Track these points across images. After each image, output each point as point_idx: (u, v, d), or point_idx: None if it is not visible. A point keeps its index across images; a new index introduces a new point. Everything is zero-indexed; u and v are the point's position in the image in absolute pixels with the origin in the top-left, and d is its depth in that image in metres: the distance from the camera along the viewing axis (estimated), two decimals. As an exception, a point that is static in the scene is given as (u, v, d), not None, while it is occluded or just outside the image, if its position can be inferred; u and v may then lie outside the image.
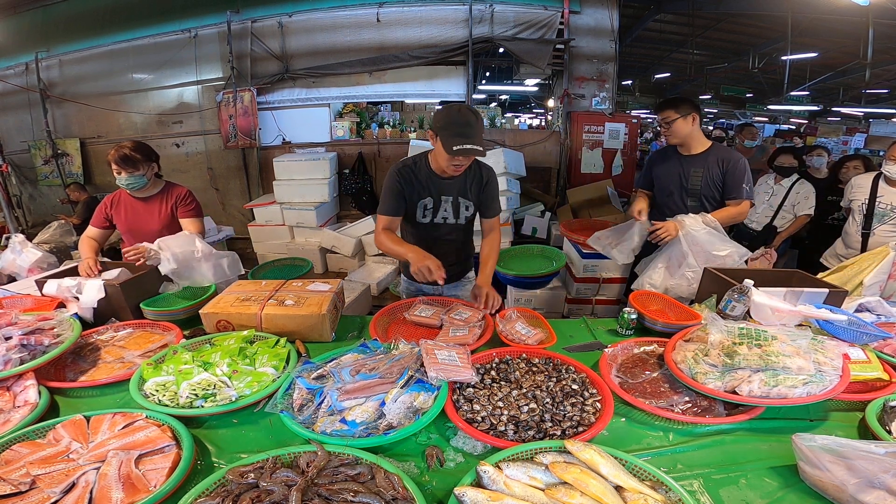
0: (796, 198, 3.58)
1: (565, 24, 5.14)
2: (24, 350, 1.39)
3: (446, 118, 1.68)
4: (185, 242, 1.98)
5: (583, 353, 1.62)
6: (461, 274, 2.17)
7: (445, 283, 2.00)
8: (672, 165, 2.40)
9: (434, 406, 1.18)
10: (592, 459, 0.97)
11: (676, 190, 2.38)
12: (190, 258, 1.94)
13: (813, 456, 0.97)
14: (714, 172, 2.28)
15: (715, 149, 2.32)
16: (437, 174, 1.87)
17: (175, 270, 1.90)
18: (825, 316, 1.55)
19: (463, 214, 1.97)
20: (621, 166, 5.61)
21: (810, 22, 7.98)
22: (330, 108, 5.56)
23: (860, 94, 12.70)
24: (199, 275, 1.96)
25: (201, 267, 1.95)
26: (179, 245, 1.95)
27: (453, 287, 2.16)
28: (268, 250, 5.03)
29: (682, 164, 2.36)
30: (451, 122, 1.66)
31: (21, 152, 6.24)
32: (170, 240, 1.98)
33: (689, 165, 2.34)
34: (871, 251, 2.21)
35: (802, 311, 1.59)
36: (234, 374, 1.34)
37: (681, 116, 2.26)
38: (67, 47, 5.73)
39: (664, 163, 2.44)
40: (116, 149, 2.13)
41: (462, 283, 2.19)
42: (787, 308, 1.59)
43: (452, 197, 1.91)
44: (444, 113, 1.72)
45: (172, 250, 1.91)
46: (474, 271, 2.22)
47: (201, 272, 1.95)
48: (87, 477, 0.98)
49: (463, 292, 2.17)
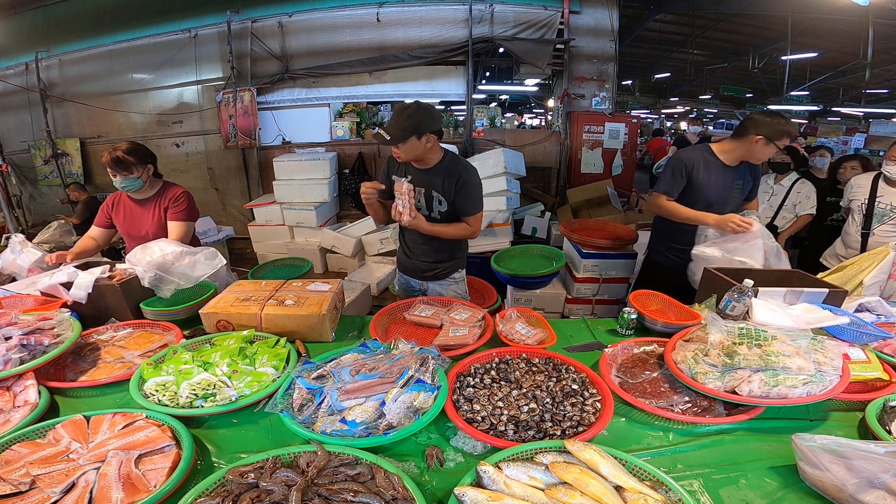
0: (798, 197, 3.57)
1: (565, 24, 5.14)
2: (24, 350, 1.39)
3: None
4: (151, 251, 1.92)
5: (583, 353, 1.62)
6: (448, 272, 2.18)
7: (429, 280, 2.18)
8: (718, 177, 2.20)
9: (434, 406, 1.18)
10: (592, 459, 0.97)
11: (720, 203, 2.20)
12: (163, 264, 1.89)
13: (813, 456, 0.97)
14: (748, 182, 2.27)
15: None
16: (415, 166, 1.99)
17: (154, 280, 1.85)
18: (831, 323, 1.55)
19: (436, 208, 2.01)
20: (621, 166, 5.61)
21: (810, 22, 7.98)
22: (330, 108, 5.56)
23: (860, 94, 12.70)
24: (177, 277, 1.90)
25: (176, 268, 1.90)
26: (148, 255, 1.90)
27: (438, 285, 2.19)
28: (268, 250, 5.03)
29: (726, 175, 2.21)
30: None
31: (21, 152, 6.24)
32: (137, 253, 1.92)
33: (733, 177, 2.22)
34: (871, 251, 2.21)
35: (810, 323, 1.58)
36: (234, 374, 1.34)
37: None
38: (67, 47, 5.73)
39: (708, 173, 2.19)
40: (110, 151, 2.10)
41: (448, 283, 2.20)
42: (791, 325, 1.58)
43: (425, 188, 1.99)
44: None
45: (142, 263, 1.86)
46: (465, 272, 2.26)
47: (179, 273, 1.90)
48: (87, 477, 0.98)
49: (448, 291, 2.19)
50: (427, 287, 2.21)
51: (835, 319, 1.58)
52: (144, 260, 1.88)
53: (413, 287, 2.26)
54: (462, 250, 2.22)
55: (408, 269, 2.25)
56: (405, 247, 2.22)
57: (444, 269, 2.17)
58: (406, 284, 2.30)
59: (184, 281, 1.91)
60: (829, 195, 3.64)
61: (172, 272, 1.90)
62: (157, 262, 1.88)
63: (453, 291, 2.20)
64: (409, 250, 2.20)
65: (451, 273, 2.19)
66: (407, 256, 2.22)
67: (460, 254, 2.20)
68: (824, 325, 1.58)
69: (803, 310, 1.67)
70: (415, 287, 2.25)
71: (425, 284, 2.21)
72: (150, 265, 1.86)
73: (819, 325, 1.58)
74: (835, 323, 1.57)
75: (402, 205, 1.86)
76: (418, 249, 2.15)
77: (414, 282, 2.24)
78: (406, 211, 1.86)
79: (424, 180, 1.98)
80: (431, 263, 2.15)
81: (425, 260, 2.15)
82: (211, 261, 1.97)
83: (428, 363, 1.30)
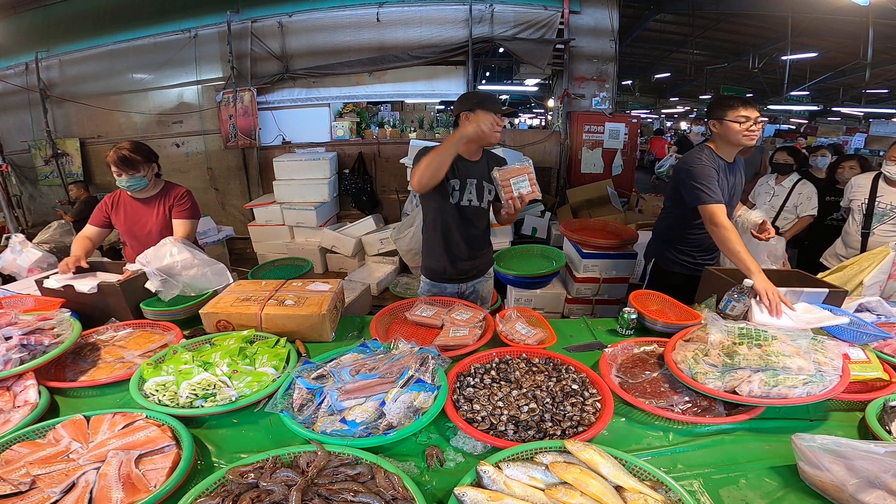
0: (799, 198, 3.58)
1: (565, 24, 5.14)
2: (24, 350, 1.39)
3: (481, 95, 1.89)
4: (165, 254, 1.93)
5: (583, 353, 1.62)
6: (485, 268, 2.20)
7: (469, 279, 2.15)
8: (726, 178, 2.15)
9: (434, 406, 1.18)
10: (592, 459, 0.97)
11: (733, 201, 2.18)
12: (171, 269, 1.90)
13: (813, 456, 0.97)
14: (741, 180, 2.26)
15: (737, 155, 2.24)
16: (465, 157, 1.95)
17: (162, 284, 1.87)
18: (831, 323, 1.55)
19: (486, 198, 2.03)
20: (621, 166, 5.61)
21: (810, 22, 7.98)
22: (330, 108, 5.56)
23: (860, 94, 12.71)
24: (183, 285, 1.92)
25: (183, 277, 1.91)
26: (160, 258, 1.91)
27: (478, 283, 2.19)
28: (268, 250, 5.04)
29: (729, 175, 2.17)
30: (487, 97, 1.88)
31: (21, 152, 6.24)
32: (150, 254, 1.93)
33: (732, 175, 2.18)
34: (871, 251, 2.21)
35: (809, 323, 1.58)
36: (234, 374, 1.34)
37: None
38: (67, 47, 5.72)
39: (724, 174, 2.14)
40: (115, 150, 2.09)
41: (486, 279, 2.22)
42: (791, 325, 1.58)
43: (476, 180, 1.98)
44: (476, 92, 1.96)
45: (156, 265, 1.87)
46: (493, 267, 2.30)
47: (185, 282, 1.92)
48: (87, 477, 0.98)
49: (485, 287, 2.21)
50: (465, 288, 2.16)
51: (835, 319, 1.58)
52: (156, 263, 1.89)
53: (448, 294, 2.13)
54: (491, 245, 2.25)
55: (445, 276, 2.11)
56: (448, 252, 2.06)
57: (485, 264, 2.19)
58: (440, 294, 2.11)
59: (188, 290, 1.93)
60: (829, 195, 3.65)
61: (179, 279, 1.92)
62: (168, 266, 1.90)
63: (489, 288, 2.23)
64: (453, 254, 2.06)
65: (489, 268, 2.23)
66: (451, 262, 2.07)
67: (491, 246, 2.25)
68: (824, 325, 1.58)
69: (803, 309, 1.67)
70: (451, 293, 2.14)
71: (463, 286, 2.16)
72: (162, 270, 1.88)
73: (819, 324, 1.58)
74: (835, 323, 1.57)
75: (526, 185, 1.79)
76: (464, 250, 2.06)
77: (451, 287, 2.13)
78: (536, 185, 1.80)
79: (476, 171, 1.98)
80: (475, 262, 2.13)
81: (471, 259, 2.11)
82: (219, 277, 1.98)
83: (428, 363, 1.30)
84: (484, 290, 2.23)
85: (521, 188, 1.80)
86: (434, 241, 2.07)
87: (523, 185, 1.80)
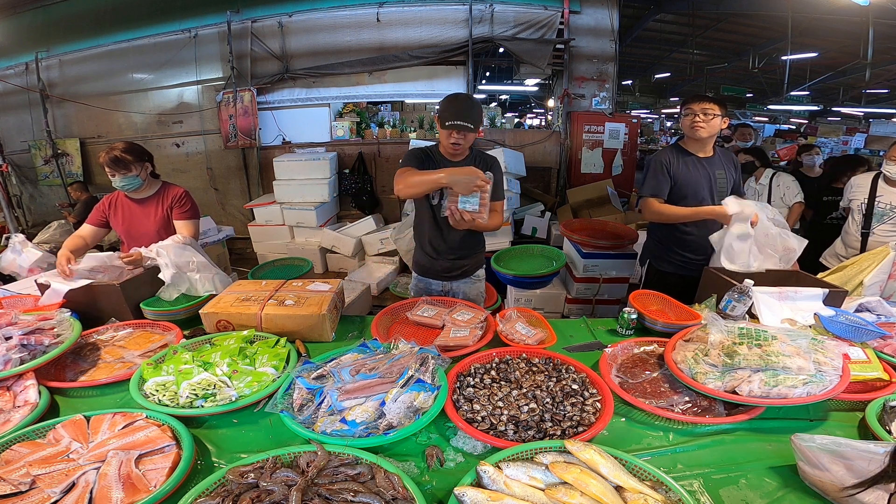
0: (781, 190, 3.67)
1: (565, 23, 5.15)
2: (24, 350, 1.39)
3: (447, 102, 1.90)
4: (183, 252, 1.97)
5: (583, 353, 1.62)
6: (473, 270, 2.19)
7: (454, 279, 2.14)
8: (697, 170, 2.23)
9: (434, 406, 1.18)
10: (592, 459, 0.97)
11: (708, 196, 2.23)
12: (185, 268, 1.94)
13: (813, 456, 0.97)
14: (730, 172, 2.28)
15: (717, 149, 2.31)
16: (447, 158, 1.97)
17: (173, 277, 1.90)
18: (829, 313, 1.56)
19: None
20: (621, 166, 5.61)
21: (810, 22, 7.99)
22: (330, 108, 5.56)
23: (860, 94, 12.72)
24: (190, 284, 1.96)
25: (193, 278, 1.95)
26: (177, 254, 1.94)
27: (464, 283, 2.18)
28: (268, 250, 5.04)
29: (705, 167, 2.24)
30: (449, 105, 1.88)
31: (21, 152, 6.25)
32: (168, 246, 1.97)
33: (712, 168, 2.24)
34: (871, 251, 2.21)
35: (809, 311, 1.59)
36: (234, 374, 1.34)
37: (721, 116, 2.15)
38: (67, 47, 5.73)
39: (686, 168, 2.23)
40: (107, 151, 2.11)
41: (472, 281, 2.20)
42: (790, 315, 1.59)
43: None
44: (447, 99, 1.93)
45: (170, 257, 1.91)
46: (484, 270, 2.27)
47: (192, 283, 1.95)
48: (87, 477, 0.98)
49: (472, 290, 2.19)
50: (451, 287, 2.17)
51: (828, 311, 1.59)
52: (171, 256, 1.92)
53: (434, 290, 2.19)
54: (483, 246, 2.23)
55: (430, 272, 2.16)
56: (428, 248, 2.11)
57: (471, 267, 2.16)
58: (426, 289, 2.20)
59: (192, 291, 1.95)
60: (826, 194, 3.65)
61: (188, 277, 1.95)
62: (183, 263, 1.94)
63: (477, 290, 2.21)
64: (433, 251, 2.11)
65: (475, 271, 2.20)
66: (431, 258, 2.12)
67: (481, 249, 2.22)
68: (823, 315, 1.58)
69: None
70: (436, 290, 2.18)
71: (448, 285, 2.17)
72: (175, 263, 1.91)
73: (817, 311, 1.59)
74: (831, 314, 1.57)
75: (475, 204, 1.71)
76: (444, 248, 2.08)
77: (436, 284, 2.18)
78: (486, 209, 1.73)
79: None
80: (457, 261, 2.12)
81: (452, 258, 2.11)
82: (223, 285, 2.00)
83: (428, 363, 1.30)
84: (472, 292, 2.19)
85: (467, 205, 1.71)
86: (420, 237, 2.15)
87: (470, 203, 1.71)
